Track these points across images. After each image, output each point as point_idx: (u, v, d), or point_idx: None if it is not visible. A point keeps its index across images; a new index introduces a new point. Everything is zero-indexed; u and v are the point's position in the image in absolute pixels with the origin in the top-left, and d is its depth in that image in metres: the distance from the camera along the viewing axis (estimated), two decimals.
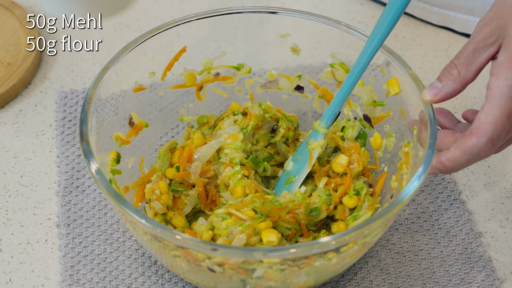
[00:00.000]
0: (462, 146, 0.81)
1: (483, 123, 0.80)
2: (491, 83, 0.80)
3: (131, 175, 0.95)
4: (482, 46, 0.83)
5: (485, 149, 0.80)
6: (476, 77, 0.84)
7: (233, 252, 0.78)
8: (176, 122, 1.04)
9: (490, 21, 0.83)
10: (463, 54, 0.84)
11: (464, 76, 0.84)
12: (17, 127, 1.07)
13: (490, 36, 0.82)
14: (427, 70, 1.16)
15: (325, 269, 0.83)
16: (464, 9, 1.16)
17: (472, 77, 0.84)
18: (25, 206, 0.99)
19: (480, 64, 0.83)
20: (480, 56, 0.83)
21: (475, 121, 0.81)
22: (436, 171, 0.84)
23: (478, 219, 0.99)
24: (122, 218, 0.85)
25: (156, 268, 0.93)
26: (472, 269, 0.93)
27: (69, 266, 0.93)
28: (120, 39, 1.20)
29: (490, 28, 0.82)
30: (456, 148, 0.81)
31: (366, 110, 0.99)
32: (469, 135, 0.80)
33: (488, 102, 0.80)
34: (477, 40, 0.83)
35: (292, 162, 0.95)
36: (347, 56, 0.98)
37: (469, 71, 0.84)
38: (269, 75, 1.03)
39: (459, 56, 0.84)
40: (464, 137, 0.81)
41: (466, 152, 0.81)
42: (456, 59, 0.84)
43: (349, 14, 1.24)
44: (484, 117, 0.80)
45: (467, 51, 0.84)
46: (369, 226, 0.79)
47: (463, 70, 0.84)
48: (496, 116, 0.79)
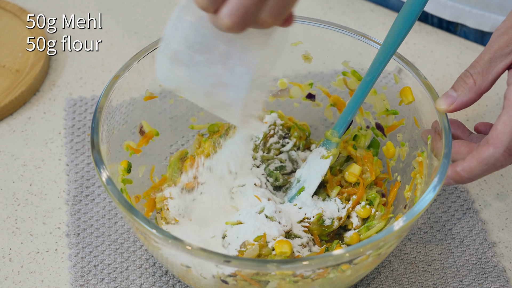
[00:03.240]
0: (479, 156, 0.80)
1: (500, 133, 0.79)
2: (508, 93, 0.80)
3: (142, 184, 0.94)
4: (499, 55, 0.82)
5: (502, 159, 0.79)
6: (491, 86, 0.84)
7: (246, 264, 0.77)
8: (186, 131, 1.03)
9: (507, 30, 0.82)
10: (479, 63, 0.83)
11: (480, 86, 0.83)
12: (26, 134, 1.07)
13: (507, 46, 0.82)
14: (439, 77, 1.15)
15: (339, 280, 0.82)
16: (480, 5, 1.14)
17: (488, 87, 0.83)
18: (35, 215, 0.98)
19: (496, 74, 0.83)
20: (496, 65, 0.82)
21: (492, 130, 0.80)
22: (452, 181, 0.83)
23: (491, 228, 0.98)
24: (133, 228, 0.84)
25: (167, 278, 0.92)
26: (486, 279, 0.92)
27: (79, 276, 0.92)
28: (129, 46, 1.19)
29: (508, 37, 0.82)
30: (472, 158, 0.81)
31: (379, 119, 0.98)
32: (486, 145, 0.80)
33: (505, 112, 0.79)
34: (493, 50, 0.82)
35: (304, 171, 0.94)
36: (360, 64, 0.97)
37: (485, 81, 0.83)
38: (281, 84, 1.02)
39: (475, 65, 0.83)
40: (481, 146, 0.80)
41: (483, 162, 0.80)
42: (471, 68, 0.84)
43: (359, 21, 1.23)
44: (502, 127, 0.79)
45: (483, 60, 0.83)
46: (384, 238, 0.78)
47: (479, 79, 0.83)
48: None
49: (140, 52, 0.93)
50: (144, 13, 1.24)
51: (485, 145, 0.80)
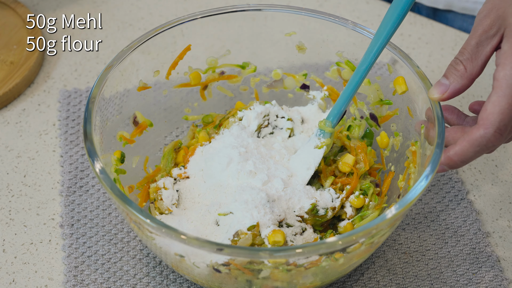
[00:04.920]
0: (470, 138, 0.80)
1: (490, 114, 0.79)
2: (497, 73, 0.79)
3: (136, 175, 0.94)
4: (485, 38, 0.82)
5: (493, 139, 0.79)
6: (482, 70, 0.84)
7: (239, 252, 0.77)
8: (180, 121, 1.03)
9: (489, 12, 0.82)
10: (466, 49, 0.83)
11: (471, 71, 0.83)
12: (20, 126, 1.07)
13: (491, 28, 0.82)
14: (434, 69, 1.15)
15: (332, 269, 0.82)
16: None
17: (479, 71, 0.83)
18: (29, 206, 0.98)
19: (485, 57, 0.83)
20: (483, 49, 0.82)
21: (481, 111, 0.80)
22: (445, 167, 0.83)
23: (485, 218, 0.98)
24: (127, 218, 0.84)
25: (161, 268, 0.92)
26: (480, 269, 0.92)
27: (73, 267, 0.92)
28: (124, 38, 1.19)
29: (490, 19, 0.82)
30: (464, 141, 0.80)
31: (373, 109, 0.98)
32: (476, 126, 0.80)
33: (494, 92, 0.79)
34: (478, 34, 0.82)
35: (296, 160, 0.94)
36: (353, 55, 0.97)
37: (475, 66, 0.83)
38: (275, 74, 1.02)
39: (463, 51, 0.83)
40: (471, 128, 0.80)
41: (474, 144, 0.80)
42: (460, 54, 0.84)
43: (354, 13, 1.23)
44: (491, 107, 0.79)
45: (470, 45, 0.83)
46: (376, 226, 0.78)
47: (469, 65, 0.83)
48: (503, 106, 0.79)
49: (133, 43, 0.93)
50: (139, 5, 1.24)
51: (475, 127, 0.80)
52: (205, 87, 1.01)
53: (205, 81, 1.00)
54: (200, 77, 0.99)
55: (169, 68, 0.97)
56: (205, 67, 1.00)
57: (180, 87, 0.99)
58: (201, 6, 1.23)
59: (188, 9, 1.23)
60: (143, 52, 0.94)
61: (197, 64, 0.99)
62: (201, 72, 0.99)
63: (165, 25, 0.95)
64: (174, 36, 0.96)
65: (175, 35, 0.96)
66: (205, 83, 1.00)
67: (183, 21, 0.96)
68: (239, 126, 0.94)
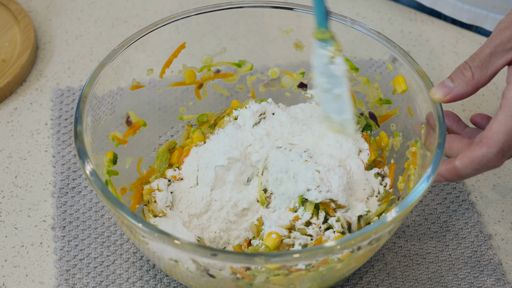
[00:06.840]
0: (471, 155, 0.78)
1: (494, 133, 0.77)
2: (507, 91, 0.77)
3: (129, 176, 0.92)
4: (500, 50, 0.80)
5: (495, 159, 0.78)
6: (489, 81, 0.82)
7: (233, 257, 0.75)
8: (175, 121, 1.01)
9: (510, 24, 0.80)
10: (479, 56, 0.81)
11: (478, 80, 0.81)
12: (12, 126, 1.04)
13: (509, 41, 0.80)
14: (434, 66, 1.13)
15: (330, 273, 0.80)
16: (498, 9, 1.12)
17: (486, 81, 0.81)
18: (20, 208, 0.96)
19: (495, 69, 0.81)
20: (496, 60, 0.80)
21: (486, 129, 0.78)
22: (442, 179, 0.81)
23: (487, 221, 0.96)
24: (119, 222, 0.82)
25: (154, 272, 0.90)
26: (482, 273, 0.90)
27: (64, 270, 0.90)
28: (118, 35, 1.17)
29: (510, 32, 0.79)
30: (464, 157, 0.79)
31: (372, 108, 0.96)
32: (479, 144, 0.78)
33: (502, 111, 0.77)
34: (495, 44, 0.80)
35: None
36: (352, 52, 0.95)
37: (484, 75, 0.81)
38: (272, 73, 1.00)
39: (475, 58, 0.81)
40: (474, 145, 0.78)
41: (475, 162, 0.78)
42: (471, 60, 0.81)
43: (353, 9, 1.21)
44: (497, 127, 0.77)
45: (483, 53, 0.81)
46: (376, 230, 0.76)
47: (478, 73, 0.81)
48: (509, 127, 0.77)
49: (126, 40, 0.91)
50: (133, 2, 1.22)
51: (479, 144, 0.78)
52: (201, 86, 0.99)
53: (201, 80, 0.98)
54: (195, 75, 0.97)
55: (163, 67, 0.95)
56: (200, 65, 0.98)
57: (175, 86, 0.97)
58: (197, 3, 1.21)
59: (183, 6, 1.21)
60: (137, 50, 0.92)
61: (192, 62, 0.97)
62: (196, 70, 0.97)
63: (159, 22, 0.93)
64: (168, 33, 0.94)
65: (170, 32, 0.94)
66: (200, 82, 0.98)
67: (178, 18, 0.94)
68: (234, 126, 0.92)
